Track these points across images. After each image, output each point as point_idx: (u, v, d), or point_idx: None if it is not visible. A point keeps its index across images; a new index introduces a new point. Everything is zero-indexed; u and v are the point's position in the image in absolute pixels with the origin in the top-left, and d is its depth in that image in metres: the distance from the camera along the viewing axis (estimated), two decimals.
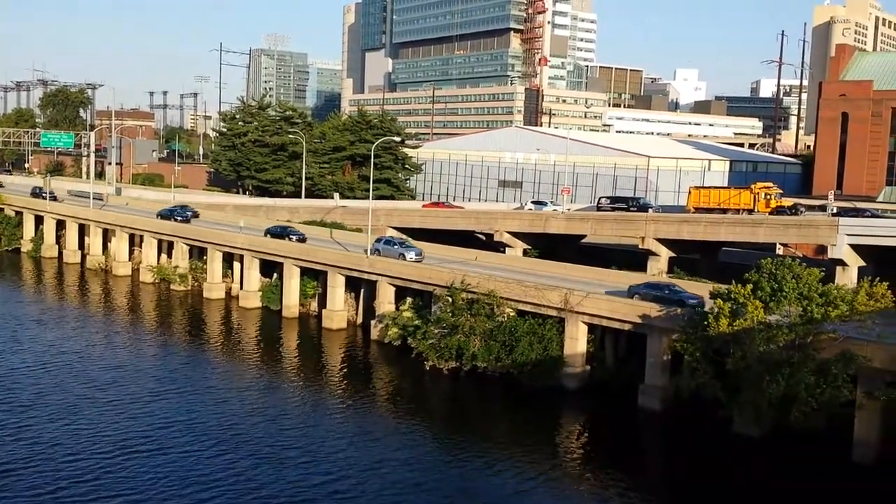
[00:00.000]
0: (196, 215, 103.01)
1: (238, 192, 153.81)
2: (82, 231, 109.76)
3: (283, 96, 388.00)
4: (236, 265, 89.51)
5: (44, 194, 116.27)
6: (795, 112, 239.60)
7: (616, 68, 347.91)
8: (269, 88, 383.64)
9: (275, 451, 46.48)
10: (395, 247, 77.90)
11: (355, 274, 76.68)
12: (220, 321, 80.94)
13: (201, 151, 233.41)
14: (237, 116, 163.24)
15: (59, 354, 64.23)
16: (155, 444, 46.60)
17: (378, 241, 79.78)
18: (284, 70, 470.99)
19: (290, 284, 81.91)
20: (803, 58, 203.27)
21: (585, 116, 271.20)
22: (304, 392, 59.00)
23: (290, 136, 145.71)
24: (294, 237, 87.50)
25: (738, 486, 46.08)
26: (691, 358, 51.49)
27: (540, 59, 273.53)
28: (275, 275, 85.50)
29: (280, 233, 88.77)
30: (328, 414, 54.22)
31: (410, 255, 76.12)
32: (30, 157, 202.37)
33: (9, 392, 54.42)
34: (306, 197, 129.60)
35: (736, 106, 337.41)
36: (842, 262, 74.66)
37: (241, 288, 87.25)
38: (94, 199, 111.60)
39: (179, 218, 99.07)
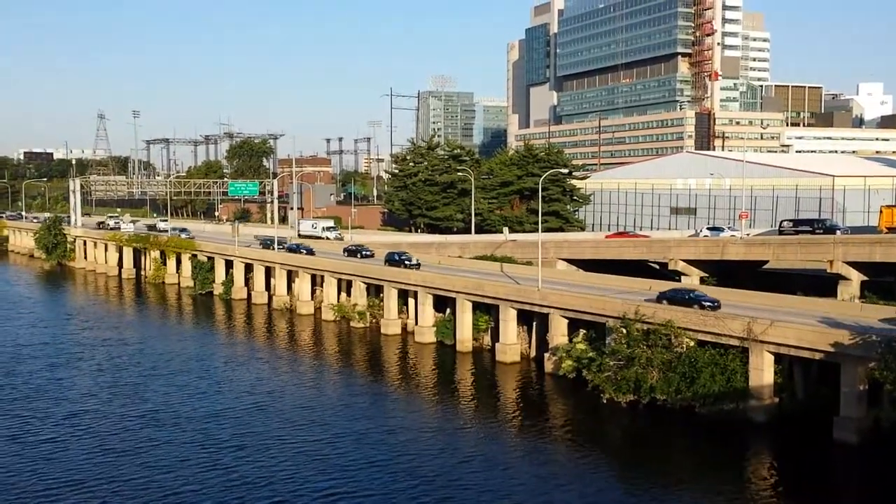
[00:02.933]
0: None
1: (410, 231, 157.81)
2: (268, 273, 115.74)
3: (451, 135, 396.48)
4: (411, 301, 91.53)
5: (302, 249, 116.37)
6: None
7: (793, 86, 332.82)
8: (438, 129, 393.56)
9: (465, 493, 46.26)
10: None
11: (527, 307, 76.50)
12: (399, 357, 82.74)
13: (375, 193, 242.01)
14: (408, 157, 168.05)
15: (253, 395, 67.12)
16: (356, 485, 47.02)
17: None
18: (451, 110, 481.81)
19: (462, 319, 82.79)
20: None
21: (762, 138, 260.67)
22: (484, 429, 58.69)
23: (459, 173, 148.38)
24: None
25: None
26: (892, 387, 47.72)
27: (711, 74, 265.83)
28: (448, 310, 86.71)
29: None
30: (511, 455, 53.23)
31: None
32: (219, 206, 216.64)
33: (213, 433, 56.94)
34: (476, 232, 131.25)
35: None
36: None
37: (416, 323, 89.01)
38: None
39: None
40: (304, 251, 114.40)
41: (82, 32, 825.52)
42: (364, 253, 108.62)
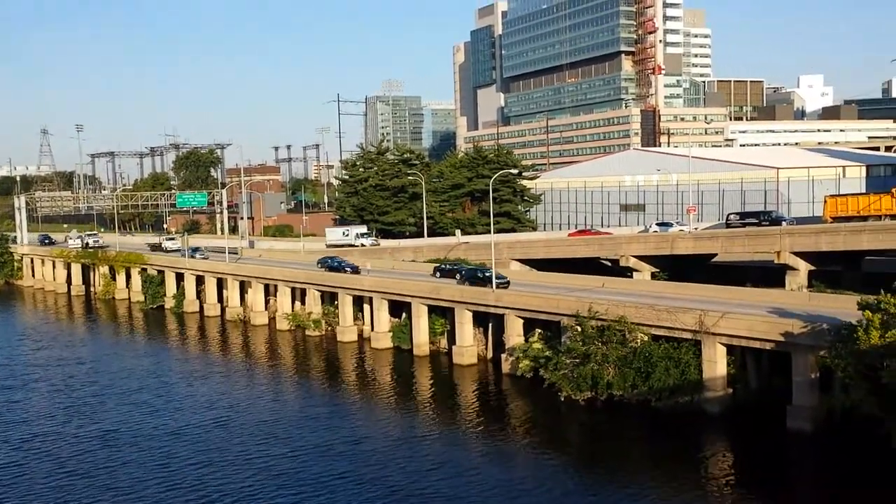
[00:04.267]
0: None
1: None
2: (221, 285, 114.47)
3: (400, 139, 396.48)
4: (366, 307, 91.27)
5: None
6: None
7: (735, 81, 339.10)
8: (387, 133, 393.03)
9: (434, 502, 46.18)
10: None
11: (482, 309, 76.80)
12: (356, 364, 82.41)
13: (326, 199, 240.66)
14: (358, 163, 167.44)
15: (212, 410, 66.28)
16: (323, 500, 46.29)
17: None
18: (400, 114, 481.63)
19: (418, 323, 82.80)
20: None
21: (706, 133, 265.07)
22: (447, 435, 58.77)
23: (410, 177, 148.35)
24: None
25: None
26: (843, 374, 48.78)
27: (654, 68, 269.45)
28: (403, 315, 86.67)
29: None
30: (475, 459, 53.28)
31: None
32: (167, 218, 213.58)
33: (173, 451, 56.02)
34: (429, 236, 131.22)
35: (868, 109, 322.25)
36: None
37: (372, 329, 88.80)
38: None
39: None
40: (349, 269, 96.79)
41: (21, 48, 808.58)
42: (462, 272, 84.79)
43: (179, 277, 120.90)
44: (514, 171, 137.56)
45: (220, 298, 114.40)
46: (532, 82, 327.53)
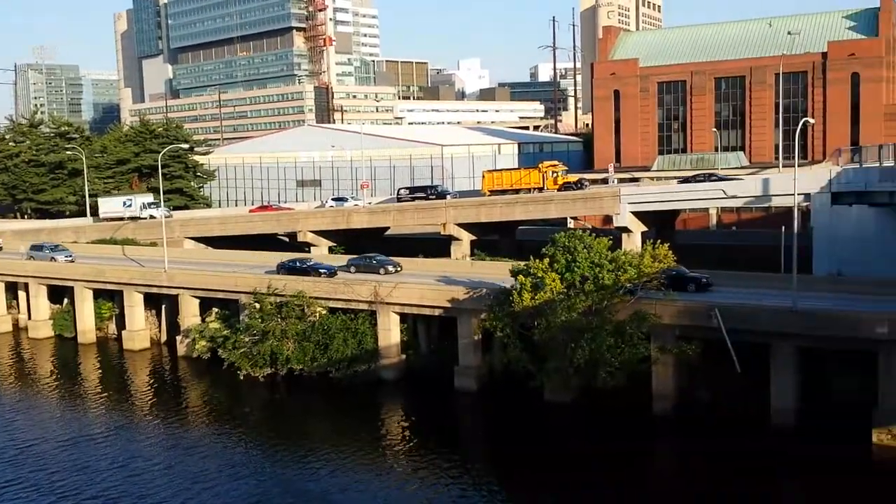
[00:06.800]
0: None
1: (16, 217, 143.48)
2: None
3: (57, 111, 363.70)
4: (21, 294, 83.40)
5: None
6: (573, 93, 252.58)
7: (402, 62, 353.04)
8: (41, 104, 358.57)
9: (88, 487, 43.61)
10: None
11: (154, 290, 73.58)
12: (12, 357, 75.26)
13: None
14: (7, 136, 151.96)
15: None
16: None
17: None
18: (55, 84, 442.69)
19: (82, 308, 77.47)
20: (574, 41, 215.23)
21: (377, 111, 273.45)
22: (120, 428, 55.19)
23: (68, 152, 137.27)
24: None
25: (552, 450, 48.17)
26: (501, 334, 53.34)
27: (325, 40, 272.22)
28: (66, 300, 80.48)
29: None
30: (153, 450, 50.80)
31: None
32: None
33: None
34: (92, 215, 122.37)
35: (518, 91, 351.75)
36: (626, 230, 79.40)
37: (30, 318, 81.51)
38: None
39: None
40: (325, 272, 68.17)
41: None
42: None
43: None
44: (185, 146, 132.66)
45: None
46: (202, 54, 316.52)
